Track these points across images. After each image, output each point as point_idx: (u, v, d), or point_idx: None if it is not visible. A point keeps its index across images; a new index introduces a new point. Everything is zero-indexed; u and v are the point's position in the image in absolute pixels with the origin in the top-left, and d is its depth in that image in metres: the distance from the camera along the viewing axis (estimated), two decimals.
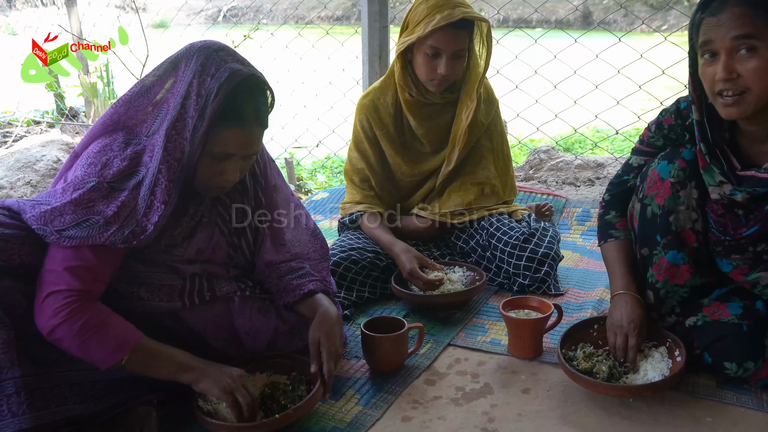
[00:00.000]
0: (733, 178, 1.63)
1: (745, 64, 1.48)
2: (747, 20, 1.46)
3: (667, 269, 1.76)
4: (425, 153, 2.48)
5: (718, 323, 1.71)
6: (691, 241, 1.76)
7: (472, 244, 2.42)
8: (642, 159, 1.89)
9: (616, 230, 1.91)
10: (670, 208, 1.75)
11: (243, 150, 1.54)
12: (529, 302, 1.96)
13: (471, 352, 1.96)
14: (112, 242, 1.49)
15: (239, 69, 1.48)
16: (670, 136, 1.80)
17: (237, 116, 1.49)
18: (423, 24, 2.19)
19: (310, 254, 1.91)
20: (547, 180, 3.38)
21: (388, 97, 2.43)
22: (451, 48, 2.21)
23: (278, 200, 1.85)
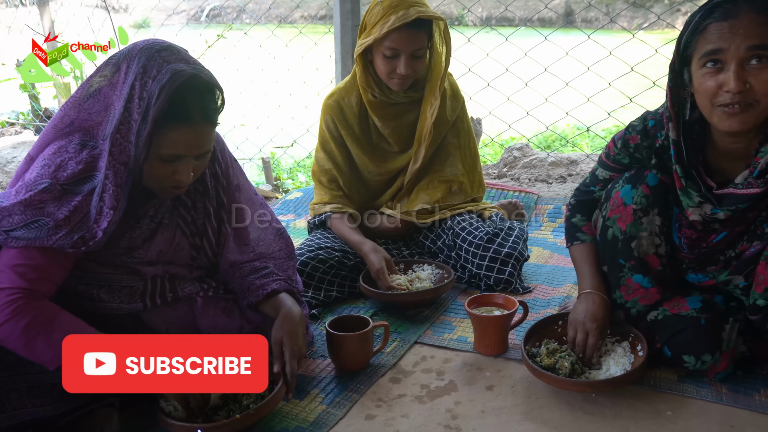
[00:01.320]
0: (711, 197, 1.60)
1: (757, 75, 1.41)
2: (764, 29, 1.39)
3: (636, 290, 1.77)
4: (392, 152, 2.48)
5: (677, 317, 1.72)
6: (655, 265, 1.77)
7: (439, 243, 2.43)
8: (608, 173, 1.87)
9: (583, 233, 1.92)
10: (632, 234, 1.75)
11: (193, 150, 1.52)
12: (494, 299, 1.97)
13: (437, 349, 1.97)
14: (61, 246, 1.47)
15: (182, 69, 1.46)
16: (636, 155, 1.77)
17: (183, 116, 1.47)
18: (379, 25, 2.19)
19: (275, 253, 1.90)
20: (520, 177, 3.39)
21: (353, 98, 2.43)
22: (409, 48, 2.21)
23: (241, 200, 1.84)
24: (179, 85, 1.45)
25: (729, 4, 1.43)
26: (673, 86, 1.58)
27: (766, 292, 1.59)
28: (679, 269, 1.81)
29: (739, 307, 1.73)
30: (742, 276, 1.68)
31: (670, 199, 1.71)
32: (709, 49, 1.45)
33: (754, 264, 1.62)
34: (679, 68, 1.56)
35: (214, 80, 1.53)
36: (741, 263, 1.67)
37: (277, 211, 3.29)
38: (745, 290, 1.68)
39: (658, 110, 1.72)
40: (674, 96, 1.59)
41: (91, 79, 1.54)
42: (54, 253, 1.49)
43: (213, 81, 1.52)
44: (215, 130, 1.58)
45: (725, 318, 1.70)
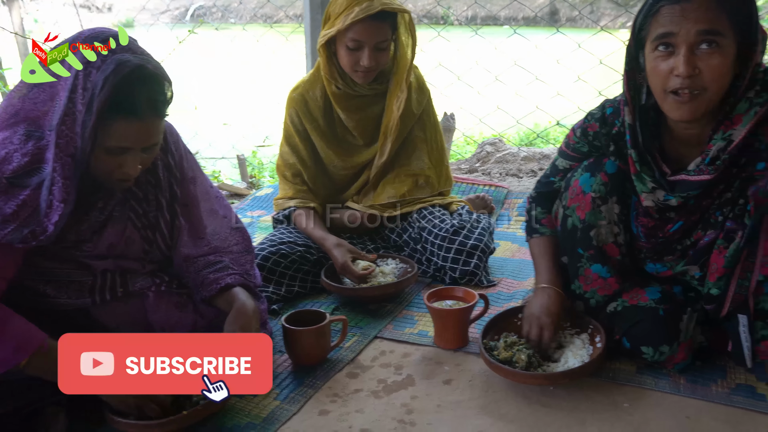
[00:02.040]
0: (664, 183, 1.59)
1: (706, 60, 1.40)
2: (714, 14, 1.39)
3: (595, 280, 1.76)
4: (357, 146, 2.45)
5: (636, 308, 1.71)
6: (614, 254, 1.75)
7: (405, 237, 2.40)
8: (568, 163, 1.86)
9: (542, 226, 1.90)
10: (591, 223, 1.74)
11: (139, 142, 1.48)
12: (454, 292, 1.94)
13: (397, 344, 1.94)
14: (10, 241, 1.43)
15: (127, 60, 1.42)
16: (595, 143, 1.76)
17: (129, 108, 1.43)
18: (343, 16, 2.16)
19: (231, 247, 1.87)
20: (491, 172, 3.37)
21: (317, 90, 2.40)
22: (372, 40, 2.19)
23: (197, 192, 1.81)
24: (124, 75, 1.41)
25: None
26: (629, 70, 1.57)
27: (719, 281, 1.58)
28: (638, 259, 1.79)
29: (698, 298, 1.71)
30: (697, 266, 1.66)
31: (629, 187, 1.70)
32: (660, 32, 1.44)
33: (709, 254, 1.61)
34: (635, 51, 1.55)
35: (162, 71, 1.49)
36: (696, 253, 1.65)
37: (247, 207, 3.26)
38: (701, 280, 1.67)
39: (617, 98, 1.71)
40: (630, 80, 1.58)
41: None
42: (3, 248, 1.45)
43: (161, 72, 1.49)
44: (164, 122, 1.54)
45: (683, 308, 1.68)
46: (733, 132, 1.48)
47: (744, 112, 1.47)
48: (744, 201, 1.54)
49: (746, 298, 1.57)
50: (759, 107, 1.46)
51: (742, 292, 1.55)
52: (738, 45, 1.43)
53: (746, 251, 1.53)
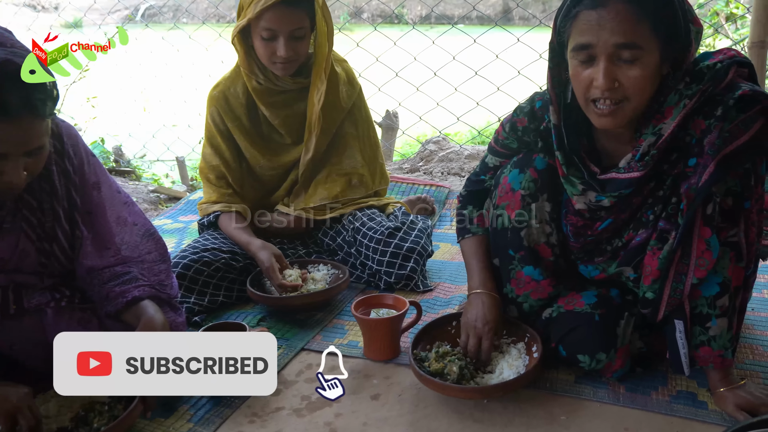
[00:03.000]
0: (594, 183, 1.51)
1: (626, 71, 1.34)
2: (631, 25, 1.31)
3: (527, 283, 1.67)
4: (284, 144, 2.32)
5: (572, 314, 1.62)
6: (546, 255, 1.66)
7: (338, 240, 2.28)
8: (498, 160, 1.76)
9: (474, 225, 1.80)
10: (521, 222, 1.65)
11: (17, 147, 1.32)
12: (384, 300, 1.83)
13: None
14: None
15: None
16: (524, 138, 1.67)
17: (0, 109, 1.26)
18: (253, 4, 2.02)
19: (143, 257, 1.72)
20: (433, 171, 3.27)
21: (239, 87, 2.25)
22: (286, 28, 2.05)
23: (101, 199, 1.65)
24: None
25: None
26: (552, 67, 1.48)
27: (653, 284, 1.49)
28: (571, 260, 1.71)
29: (635, 301, 1.63)
30: (630, 267, 1.58)
31: (560, 184, 1.61)
32: (579, 43, 1.37)
33: (642, 254, 1.53)
34: (558, 48, 1.46)
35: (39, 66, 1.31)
36: (628, 253, 1.57)
37: (179, 211, 3.10)
38: (636, 282, 1.59)
39: (546, 92, 1.62)
40: (555, 77, 1.49)
41: None
42: None
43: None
44: (47, 123, 1.38)
45: (621, 313, 1.60)
46: (663, 126, 1.40)
47: (674, 104, 1.39)
48: (677, 199, 1.45)
49: (682, 302, 1.49)
50: (688, 99, 1.38)
51: (677, 296, 1.47)
52: (664, 49, 1.35)
53: (680, 252, 1.45)
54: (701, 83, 1.37)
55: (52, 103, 1.36)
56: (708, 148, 1.36)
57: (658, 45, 1.34)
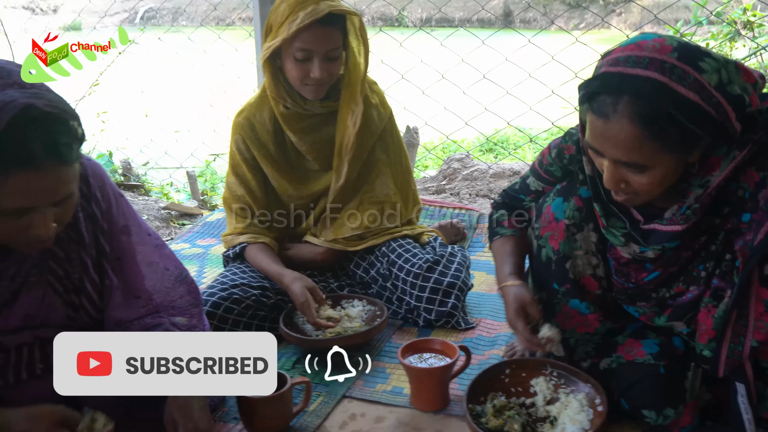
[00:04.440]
0: (637, 234, 1.42)
1: (633, 177, 1.29)
2: (635, 145, 1.23)
3: (574, 317, 1.57)
4: (313, 171, 2.21)
5: (633, 365, 1.52)
6: (593, 288, 1.57)
7: (372, 273, 2.16)
8: (540, 185, 1.67)
9: (503, 227, 1.72)
10: (566, 254, 1.55)
11: (45, 198, 1.20)
12: (431, 345, 1.72)
13: (369, 405, 1.70)
14: None
15: (11, 100, 1.12)
16: (570, 167, 1.57)
17: (22, 159, 1.13)
18: (287, 25, 1.92)
19: (175, 302, 1.61)
20: (460, 192, 3.16)
21: (265, 113, 2.14)
22: (322, 48, 1.95)
23: (131, 244, 1.54)
24: (9, 121, 1.11)
25: (611, 96, 1.23)
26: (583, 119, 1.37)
27: (710, 343, 1.39)
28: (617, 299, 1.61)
29: None
30: (683, 322, 1.48)
31: None
32: (588, 143, 1.31)
33: (695, 311, 1.43)
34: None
35: (62, 107, 1.19)
36: (679, 309, 1.47)
37: (197, 234, 2.98)
38: (690, 336, 1.49)
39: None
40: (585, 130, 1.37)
41: None
42: None
43: (61, 108, 1.18)
44: (75, 168, 1.25)
45: (686, 364, 1.49)
46: (711, 178, 1.30)
47: (722, 155, 1.28)
48: (732, 256, 1.35)
49: (741, 363, 1.37)
50: (738, 150, 1.27)
51: (735, 357, 1.36)
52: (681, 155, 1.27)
53: (736, 312, 1.34)
54: (752, 131, 1.26)
55: (78, 146, 1.24)
56: (763, 204, 1.26)
57: (671, 157, 1.25)
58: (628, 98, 1.21)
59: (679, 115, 1.19)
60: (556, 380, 1.59)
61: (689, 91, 1.18)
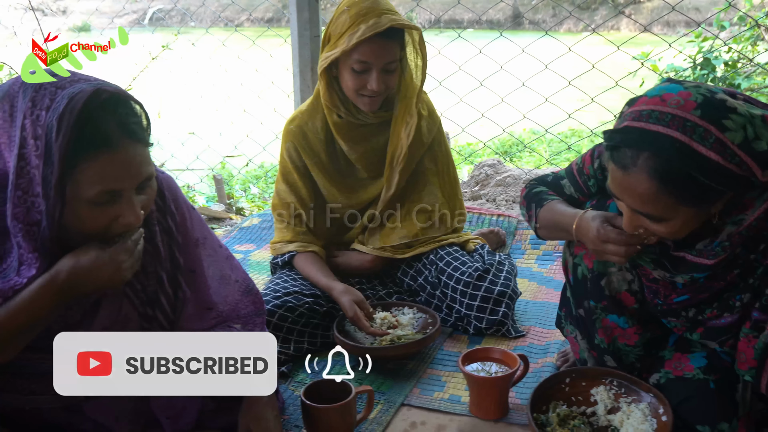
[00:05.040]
0: (667, 261, 1.43)
1: (651, 225, 1.31)
2: (651, 198, 1.25)
3: (614, 329, 1.59)
4: (362, 180, 2.23)
5: (682, 380, 1.53)
6: (630, 303, 1.58)
7: (420, 280, 2.18)
8: (575, 192, 1.67)
9: (551, 196, 1.68)
10: (600, 271, 1.57)
11: (128, 179, 1.22)
12: (491, 354, 1.74)
13: (428, 413, 1.73)
14: None
15: (80, 90, 1.15)
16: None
17: (100, 141, 1.17)
18: (347, 36, 1.94)
19: (241, 311, 1.63)
20: (495, 198, 3.17)
21: (317, 121, 2.16)
22: (381, 61, 1.97)
23: (203, 256, 1.56)
24: (82, 107, 1.15)
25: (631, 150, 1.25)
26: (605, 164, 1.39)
27: (751, 370, 1.40)
28: None
29: None
30: (716, 343, 1.50)
31: None
32: (609, 188, 1.35)
33: (727, 336, 1.45)
34: None
35: (124, 92, 1.23)
36: (711, 331, 1.49)
37: (233, 240, 3.00)
38: (725, 354, 1.51)
39: None
40: None
41: None
42: None
43: (123, 92, 1.23)
44: (149, 151, 1.28)
45: (736, 376, 1.49)
46: (744, 217, 1.31)
47: (756, 196, 1.30)
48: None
49: None
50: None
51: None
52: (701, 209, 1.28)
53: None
54: None
55: (148, 128, 1.27)
56: None
57: (689, 210, 1.27)
58: (648, 154, 1.22)
59: (699, 174, 1.20)
60: (616, 389, 1.60)
61: (710, 151, 1.18)
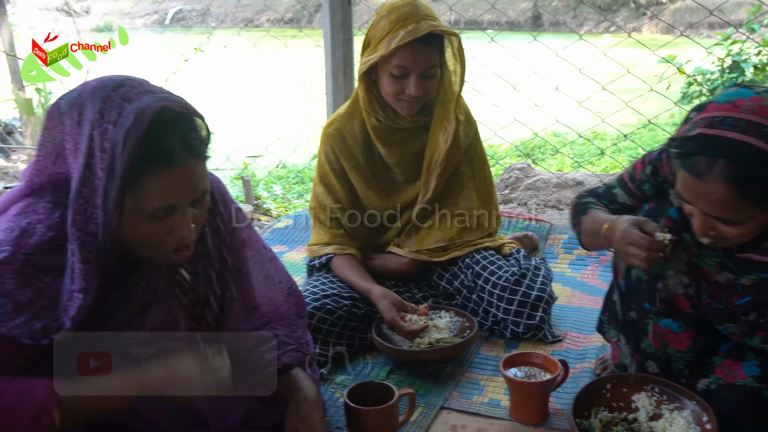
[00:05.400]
0: (732, 263, 1.43)
1: (724, 228, 1.32)
2: (728, 204, 1.26)
3: (666, 334, 1.58)
4: (399, 183, 2.24)
5: (734, 387, 1.52)
6: (685, 307, 1.57)
7: (456, 284, 2.20)
8: (628, 199, 1.67)
9: (597, 206, 1.69)
10: (657, 274, 1.56)
11: (186, 195, 1.24)
12: (532, 359, 1.75)
13: (468, 416, 1.74)
14: (16, 336, 1.18)
15: (147, 105, 1.17)
16: (663, 186, 1.58)
17: (162, 157, 1.18)
18: (386, 41, 1.95)
19: (284, 313, 1.66)
20: (527, 202, 3.17)
21: (356, 125, 2.18)
22: (420, 66, 1.98)
23: (250, 256, 1.59)
24: (148, 124, 1.16)
25: (706, 158, 1.25)
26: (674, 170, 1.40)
27: None
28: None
29: None
30: None
31: None
32: (680, 193, 1.35)
33: None
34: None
35: (190, 107, 1.25)
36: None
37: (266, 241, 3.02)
38: None
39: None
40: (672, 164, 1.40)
41: (50, 133, 1.24)
42: (5, 342, 1.19)
43: (188, 108, 1.24)
44: (206, 166, 1.30)
45: None
46: None
47: None
48: None
49: None
50: None
51: None
52: None
53: None
54: None
55: (208, 140, 1.29)
56: None
57: (765, 213, 1.27)
58: (725, 162, 1.22)
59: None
60: (658, 396, 1.60)
61: None
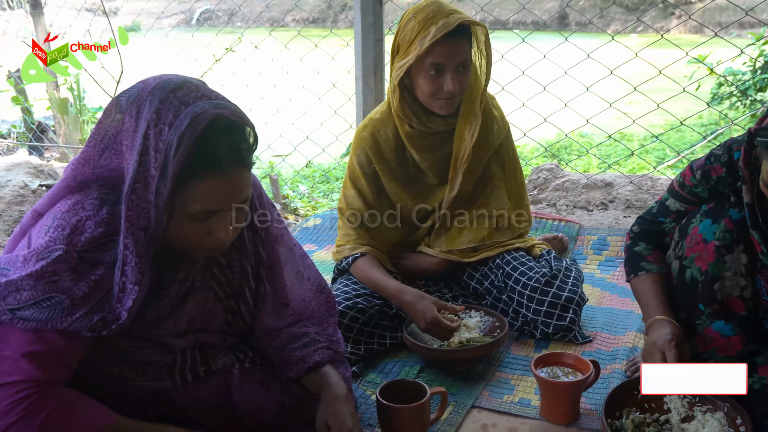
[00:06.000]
0: None
1: None
2: None
3: (715, 340, 1.58)
4: (431, 185, 2.25)
5: None
6: (739, 309, 1.57)
7: (486, 284, 2.20)
8: (681, 205, 1.68)
9: (648, 263, 1.72)
10: (714, 275, 1.55)
11: (229, 201, 1.27)
12: (563, 359, 1.75)
13: (498, 415, 1.75)
14: (77, 329, 1.24)
15: (202, 110, 1.20)
16: (718, 188, 1.58)
17: (212, 163, 1.22)
18: (418, 41, 1.96)
19: (314, 311, 1.68)
20: (556, 203, 3.17)
21: (389, 130, 2.18)
22: (455, 60, 1.98)
23: (281, 252, 1.62)
24: (202, 129, 1.20)
25: None
26: (747, 147, 1.40)
27: None
28: (762, 320, 1.60)
29: None
30: None
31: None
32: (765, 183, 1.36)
33: None
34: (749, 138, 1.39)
35: (242, 115, 1.27)
36: None
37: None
38: None
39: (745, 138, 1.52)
40: (747, 157, 1.40)
41: (101, 126, 1.28)
42: (69, 336, 1.26)
43: (241, 117, 1.27)
44: (251, 174, 1.34)
45: None
46: None
47: None
48: None
49: None
50: None
51: None
52: None
53: None
54: None
55: (255, 147, 1.33)
56: None
57: None
58: None
59: None
60: (690, 398, 1.60)
61: None
